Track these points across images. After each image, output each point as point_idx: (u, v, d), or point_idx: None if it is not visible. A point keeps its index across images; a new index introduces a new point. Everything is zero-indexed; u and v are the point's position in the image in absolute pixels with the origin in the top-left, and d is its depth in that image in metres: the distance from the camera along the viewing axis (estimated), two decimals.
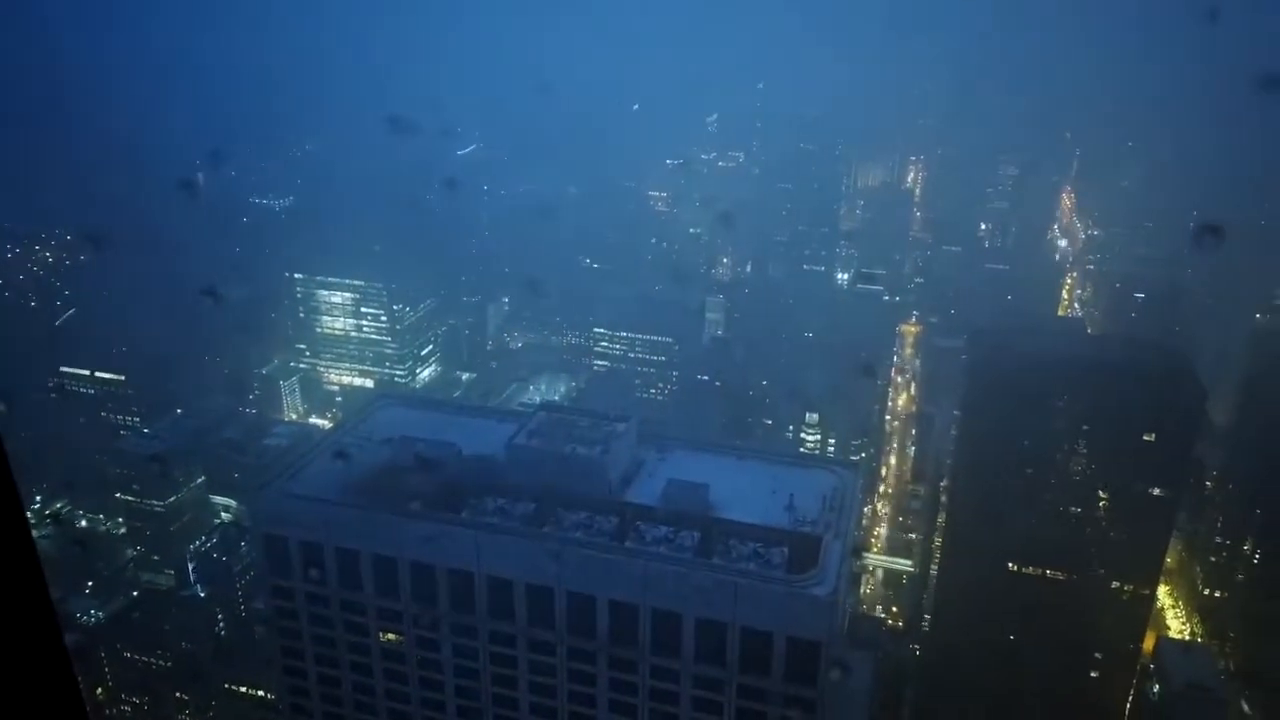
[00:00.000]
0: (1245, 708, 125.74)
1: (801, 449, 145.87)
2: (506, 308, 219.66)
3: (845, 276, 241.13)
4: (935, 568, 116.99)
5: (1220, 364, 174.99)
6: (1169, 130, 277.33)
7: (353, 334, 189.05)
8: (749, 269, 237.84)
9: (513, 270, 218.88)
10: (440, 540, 54.59)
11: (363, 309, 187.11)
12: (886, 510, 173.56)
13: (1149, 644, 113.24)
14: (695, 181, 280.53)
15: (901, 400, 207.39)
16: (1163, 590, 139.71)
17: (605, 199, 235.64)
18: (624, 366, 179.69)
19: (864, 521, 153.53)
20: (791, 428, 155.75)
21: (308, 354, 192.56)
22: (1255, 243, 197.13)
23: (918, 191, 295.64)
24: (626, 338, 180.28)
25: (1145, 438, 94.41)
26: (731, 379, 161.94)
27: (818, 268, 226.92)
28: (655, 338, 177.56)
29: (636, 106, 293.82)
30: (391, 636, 59.03)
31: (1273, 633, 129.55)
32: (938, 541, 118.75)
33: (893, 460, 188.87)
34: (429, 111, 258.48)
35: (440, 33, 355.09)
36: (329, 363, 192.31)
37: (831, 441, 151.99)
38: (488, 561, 53.77)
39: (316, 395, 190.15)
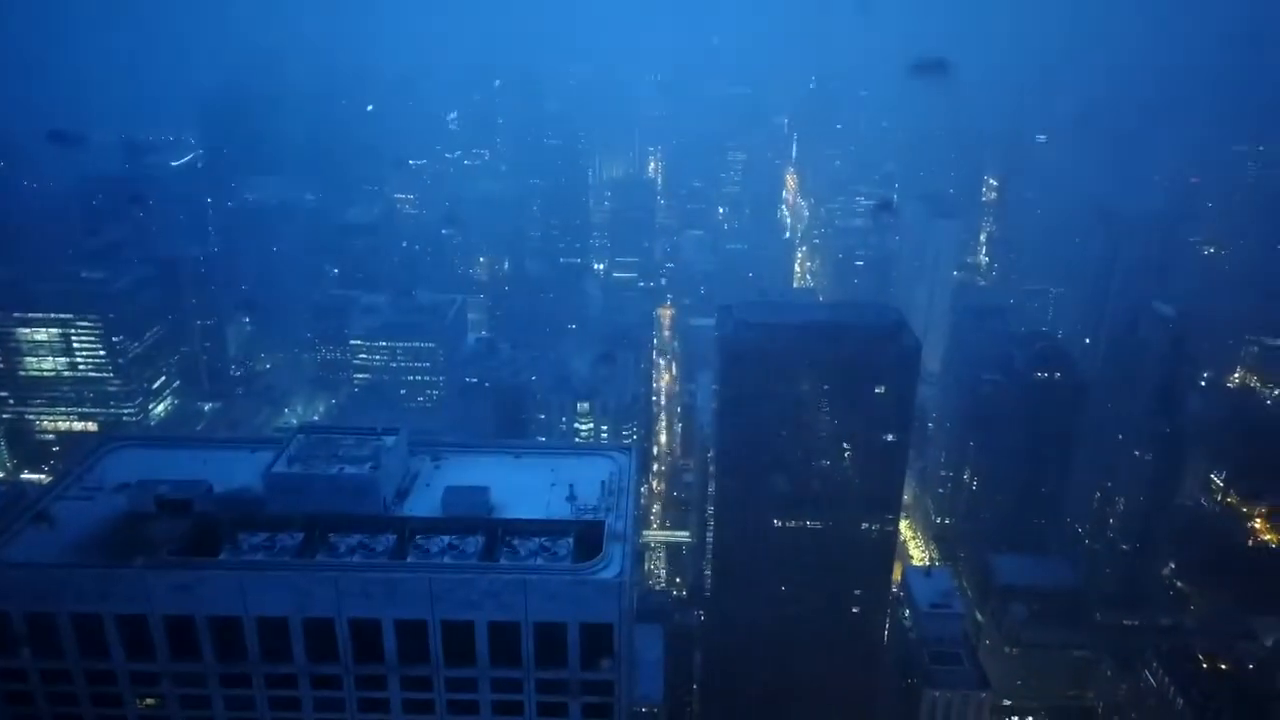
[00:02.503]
0: (978, 616, 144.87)
1: (577, 439, 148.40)
2: (249, 328, 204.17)
3: (601, 267, 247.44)
4: (710, 535, 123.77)
5: (928, 317, 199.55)
6: (867, 112, 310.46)
7: (65, 374, 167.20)
8: (506, 266, 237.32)
9: (251, 287, 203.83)
10: (197, 588, 49.95)
11: (74, 345, 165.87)
12: (662, 487, 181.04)
13: (897, 573, 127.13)
14: (442, 181, 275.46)
15: (665, 380, 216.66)
16: (904, 524, 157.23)
17: (348, 204, 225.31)
18: (387, 377, 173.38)
19: (643, 501, 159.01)
20: (565, 419, 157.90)
21: (11, 401, 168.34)
22: (948, 208, 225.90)
23: (659, 180, 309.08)
24: (386, 347, 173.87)
25: (876, 390, 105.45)
26: (500, 377, 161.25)
27: (574, 260, 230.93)
28: (417, 344, 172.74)
29: (371, 107, 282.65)
30: (150, 702, 53.36)
31: (993, 548, 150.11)
32: (710, 510, 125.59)
33: (663, 438, 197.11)
34: (129, 122, 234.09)
35: (137, 36, 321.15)
36: (39, 409, 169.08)
37: (604, 428, 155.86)
38: (255, 602, 49.95)
39: (27, 447, 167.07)
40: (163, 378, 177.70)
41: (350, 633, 50.35)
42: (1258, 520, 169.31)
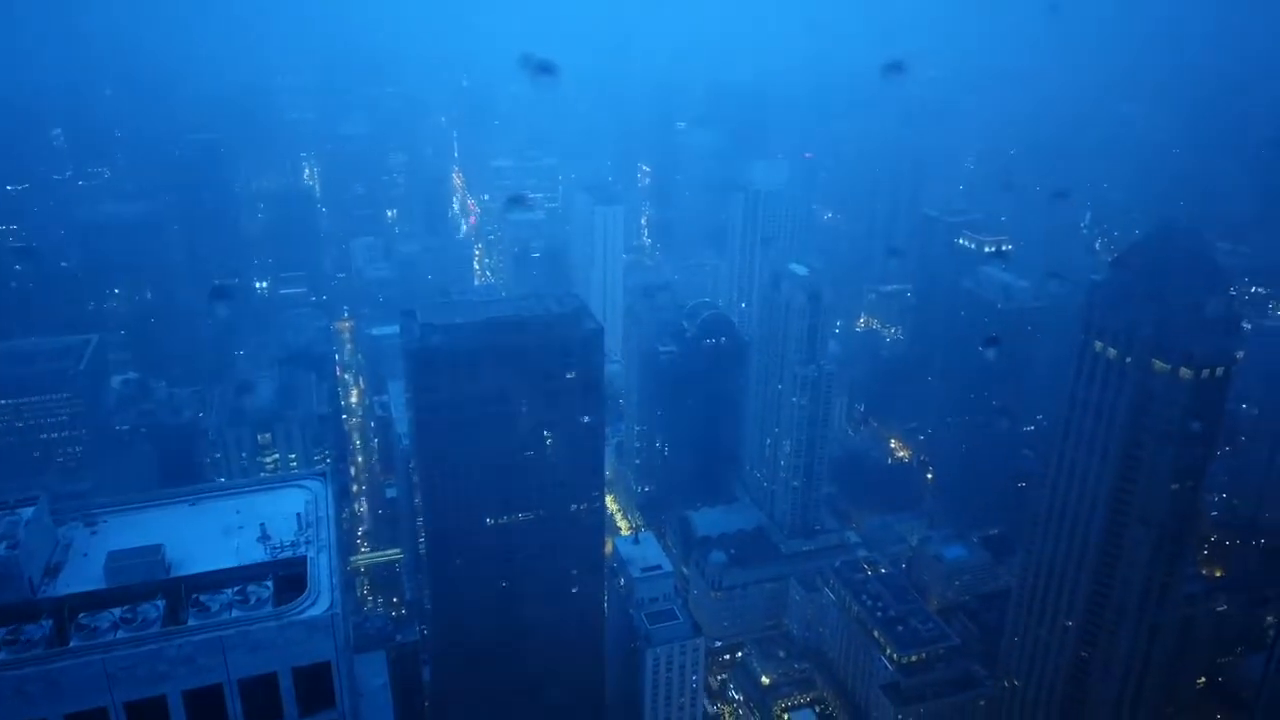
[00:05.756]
0: (684, 570, 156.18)
1: (262, 473, 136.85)
2: None
3: (264, 285, 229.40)
4: (423, 546, 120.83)
5: (605, 300, 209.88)
6: (521, 109, 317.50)
7: None
8: (149, 296, 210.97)
9: None
10: None
11: None
12: (365, 508, 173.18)
13: (609, 547, 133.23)
14: (54, 208, 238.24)
15: (354, 396, 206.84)
16: (609, 499, 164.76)
17: None
18: (12, 440, 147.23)
19: (347, 525, 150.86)
20: (245, 454, 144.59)
21: None
22: (611, 195, 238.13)
23: (317, 187, 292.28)
24: (5, 405, 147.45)
25: (568, 376, 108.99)
26: (159, 420, 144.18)
27: (231, 280, 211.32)
28: (45, 396, 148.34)
29: None
30: None
31: (690, 505, 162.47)
32: (420, 521, 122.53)
33: (360, 457, 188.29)
34: None
35: None
36: None
37: (293, 456, 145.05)
38: None
39: None
40: None
41: None
42: (893, 441, 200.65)
